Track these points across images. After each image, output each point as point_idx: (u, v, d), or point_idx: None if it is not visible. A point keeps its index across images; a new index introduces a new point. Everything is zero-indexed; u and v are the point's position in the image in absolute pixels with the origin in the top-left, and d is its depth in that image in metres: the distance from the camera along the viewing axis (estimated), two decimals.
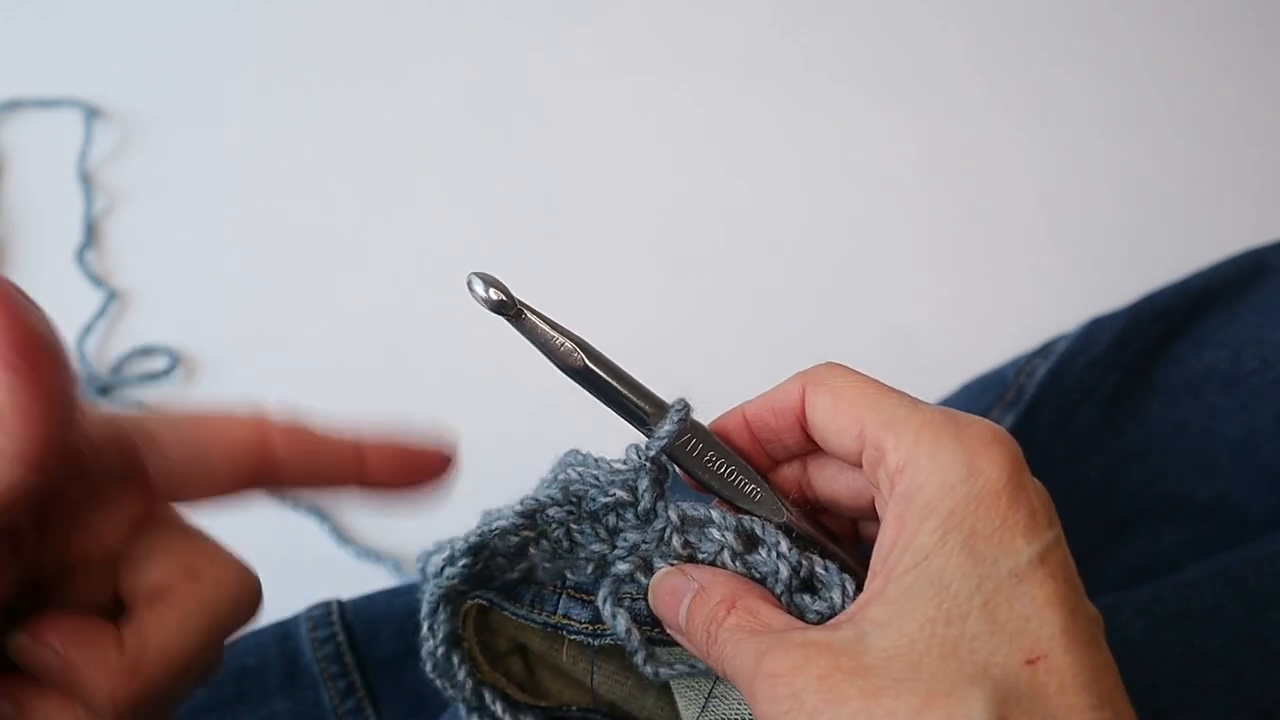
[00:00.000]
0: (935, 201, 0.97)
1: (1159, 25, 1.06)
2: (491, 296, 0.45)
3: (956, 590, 0.36)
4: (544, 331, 0.46)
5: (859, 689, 0.35)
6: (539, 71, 1.04)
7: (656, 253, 0.94)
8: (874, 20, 1.06)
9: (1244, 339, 0.76)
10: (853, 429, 0.42)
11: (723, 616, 0.42)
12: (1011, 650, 0.35)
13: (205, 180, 0.97)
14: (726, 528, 0.45)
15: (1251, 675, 0.58)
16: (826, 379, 0.43)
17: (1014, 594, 0.36)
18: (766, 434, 0.47)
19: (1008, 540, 0.37)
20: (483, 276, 0.45)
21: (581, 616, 0.48)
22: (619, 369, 0.47)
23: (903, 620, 0.36)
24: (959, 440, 0.38)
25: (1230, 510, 0.74)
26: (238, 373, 0.87)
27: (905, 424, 0.40)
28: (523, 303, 0.46)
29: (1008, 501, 0.37)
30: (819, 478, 0.47)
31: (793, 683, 0.36)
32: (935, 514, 0.37)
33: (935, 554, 0.37)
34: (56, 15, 1.04)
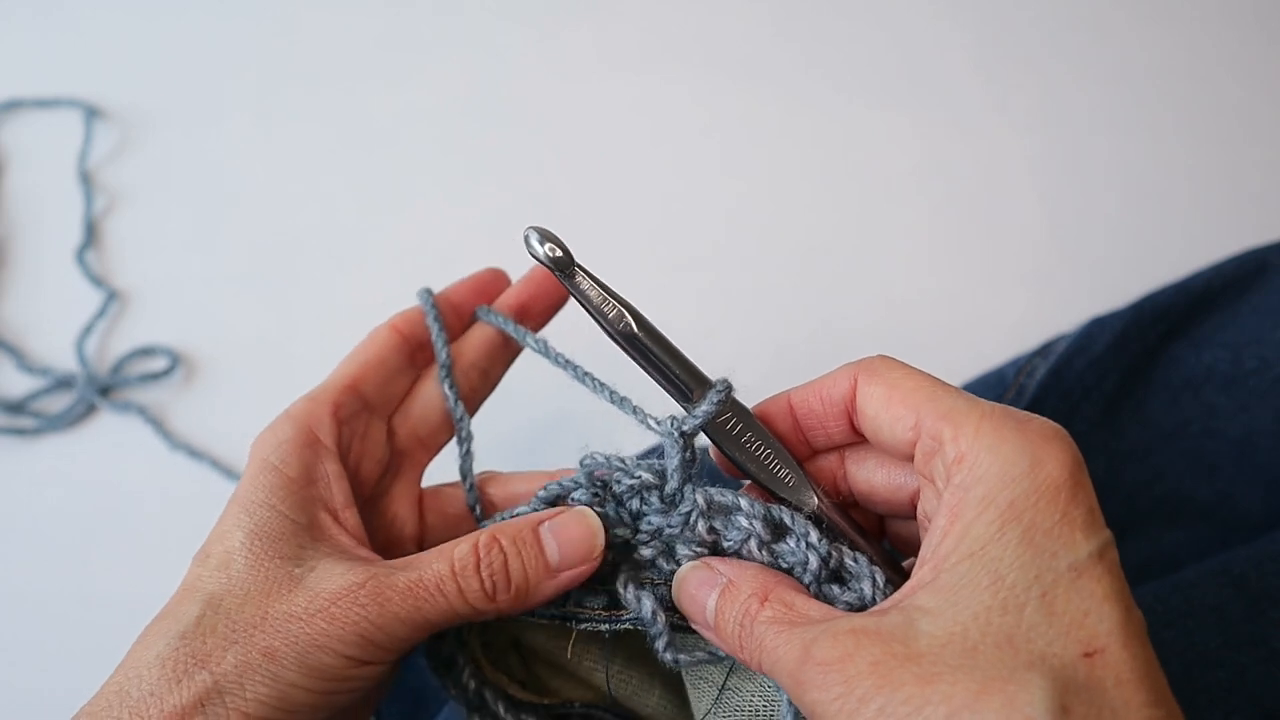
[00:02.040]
0: (935, 201, 0.97)
1: (1159, 25, 1.06)
2: (549, 252, 0.45)
3: (1014, 581, 0.36)
4: (596, 294, 0.46)
5: (913, 675, 0.35)
6: (538, 71, 1.04)
7: (656, 252, 0.94)
8: (874, 20, 1.06)
9: (1244, 339, 0.76)
10: (908, 419, 0.42)
11: (756, 610, 0.42)
12: (1069, 642, 0.35)
13: (205, 180, 0.97)
14: (755, 515, 0.45)
15: (1252, 674, 0.58)
16: (881, 370, 0.44)
17: (1073, 587, 0.36)
18: (811, 421, 0.47)
19: (1067, 535, 0.37)
20: (540, 231, 0.45)
21: (595, 603, 0.48)
22: (666, 339, 0.47)
23: (956, 608, 0.36)
24: (1021, 434, 0.39)
25: (1230, 510, 0.74)
26: (238, 373, 0.87)
27: (965, 416, 0.40)
28: (579, 263, 0.46)
29: (1068, 497, 0.38)
30: (857, 471, 0.47)
31: (845, 670, 0.36)
32: (994, 505, 0.37)
33: (992, 544, 0.37)
34: (56, 15, 1.04)
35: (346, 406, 0.52)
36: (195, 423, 0.84)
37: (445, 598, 0.44)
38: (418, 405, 0.56)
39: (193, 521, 0.79)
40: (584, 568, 0.46)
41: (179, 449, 0.82)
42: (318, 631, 0.43)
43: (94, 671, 0.71)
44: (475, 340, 0.57)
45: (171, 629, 0.43)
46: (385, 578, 0.44)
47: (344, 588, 0.44)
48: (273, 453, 0.48)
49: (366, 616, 0.43)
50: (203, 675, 0.42)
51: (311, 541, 0.46)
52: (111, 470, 0.82)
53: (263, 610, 0.43)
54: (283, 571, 0.45)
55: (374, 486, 0.54)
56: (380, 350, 0.54)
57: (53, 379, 0.85)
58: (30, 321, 0.88)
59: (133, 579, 0.77)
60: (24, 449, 0.83)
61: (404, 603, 0.44)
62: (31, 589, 0.76)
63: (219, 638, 0.43)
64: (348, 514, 0.49)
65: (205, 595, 0.44)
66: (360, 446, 0.53)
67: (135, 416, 0.83)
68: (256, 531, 0.46)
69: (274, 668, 0.42)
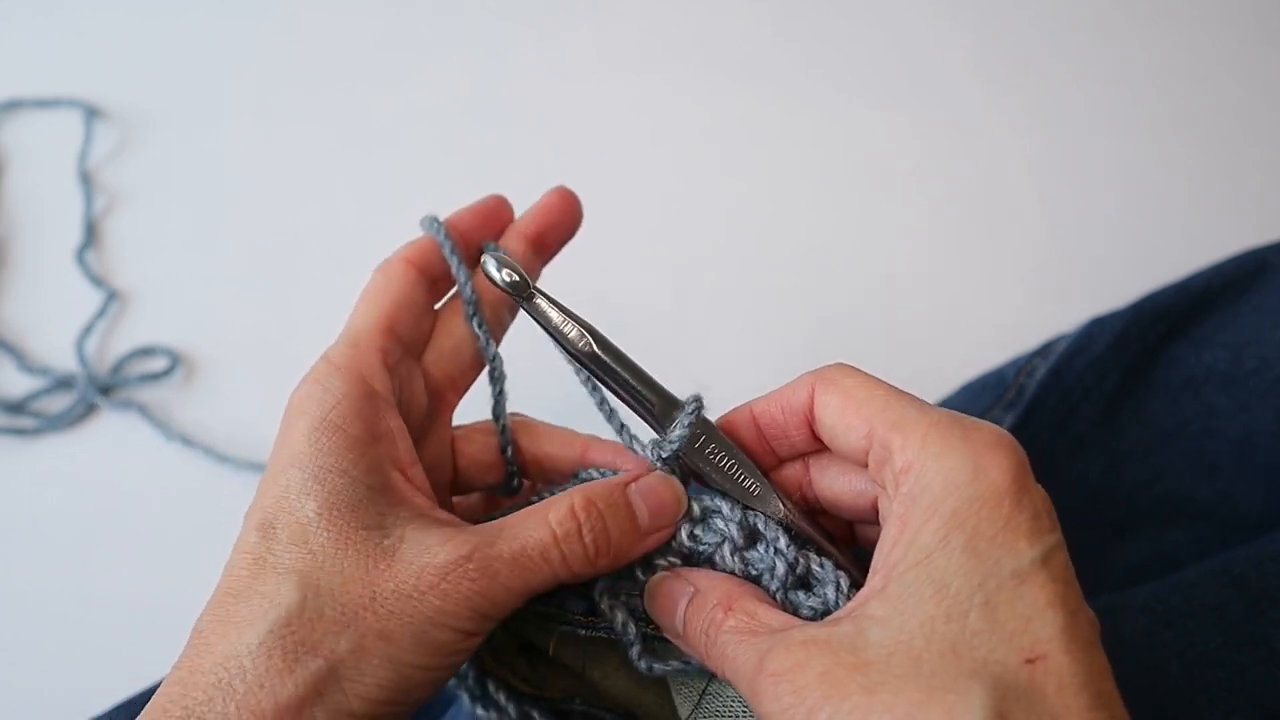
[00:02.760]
0: (935, 201, 0.97)
1: (1159, 25, 1.06)
2: (506, 278, 0.45)
3: (958, 589, 0.37)
4: (557, 315, 0.46)
5: (859, 685, 0.35)
6: (538, 71, 1.04)
7: (656, 252, 0.94)
8: (874, 20, 1.06)
9: (1244, 339, 0.76)
10: (861, 428, 0.42)
11: (721, 619, 0.42)
12: (1011, 649, 0.36)
13: (205, 180, 0.97)
14: (732, 519, 0.46)
15: (1253, 674, 0.58)
16: (837, 379, 0.44)
17: (1015, 594, 0.36)
18: (774, 431, 0.47)
19: (1010, 542, 0.37)
20: (497, 257, 0.45)
21: (577, 608, 0.48)
22: (628, 359, 0.48)
23: (903, 617, 0.37)
24: (966, 443, 0.39)
25: (1230, 510, 0.74)
26: (238, 373, 0.86)
27: (913, 426, 0.40)
28: (536, 286, 0.46)
29: (1011, 504, 0.38)
30: (821, 479, 0.48)
31: (794, 680, 0.37)
32: (939, 514, 0.38)
33: (937, 553, 0.37)
34: (56, 15, 1.04)
35: (392, 352, 0.49)
36: (195, 423, 0.84)
37: (549, 565, 0.43)
38: (447, 343, 0.52)
39: (193, 521, 0.80)
40: (668, 530, 0.46)
41: (179, 447, 0.82)
42: (432, 609, 0.41)
43: (94, 671, 0.71)
44: (482, 278, 0.53)
45: (270, 612, 0.41)
46: (489, 549, 0.43)
47: (451, 561, 0.42)
48: (331, 410, 0.45)
49: (478, 590, 0.42)
50: (317, 663, 0.40)
51: (390, 507, 0.44)
52: (112, 470, 0.82)
53: (369, 590, 0.41)
54: (372, 544, 0.42)
55: (419, 435, 0.51)
56: (405, 287, 0.51)
57: (53, 379, 0.85)
58: (30, 321, 0.88)
59: (133, 579, 0.77)
60: (24, 449, 0.83)
61: (511, 573, 0.43)
62: (31, 589, 0.76)
63: (328, 622, 0.40)
64: (415, 471, 0.47)
65: (295, 574, 0.41)
66: (408, 394, 0.50)
67: (135, 416, 0.83)
68: (331, 501, 0.43)
69: (390, 649, 0.41)
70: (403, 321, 0.50)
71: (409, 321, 0.51)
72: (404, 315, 0.50)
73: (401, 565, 0.42)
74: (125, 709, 0.61)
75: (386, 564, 0.42)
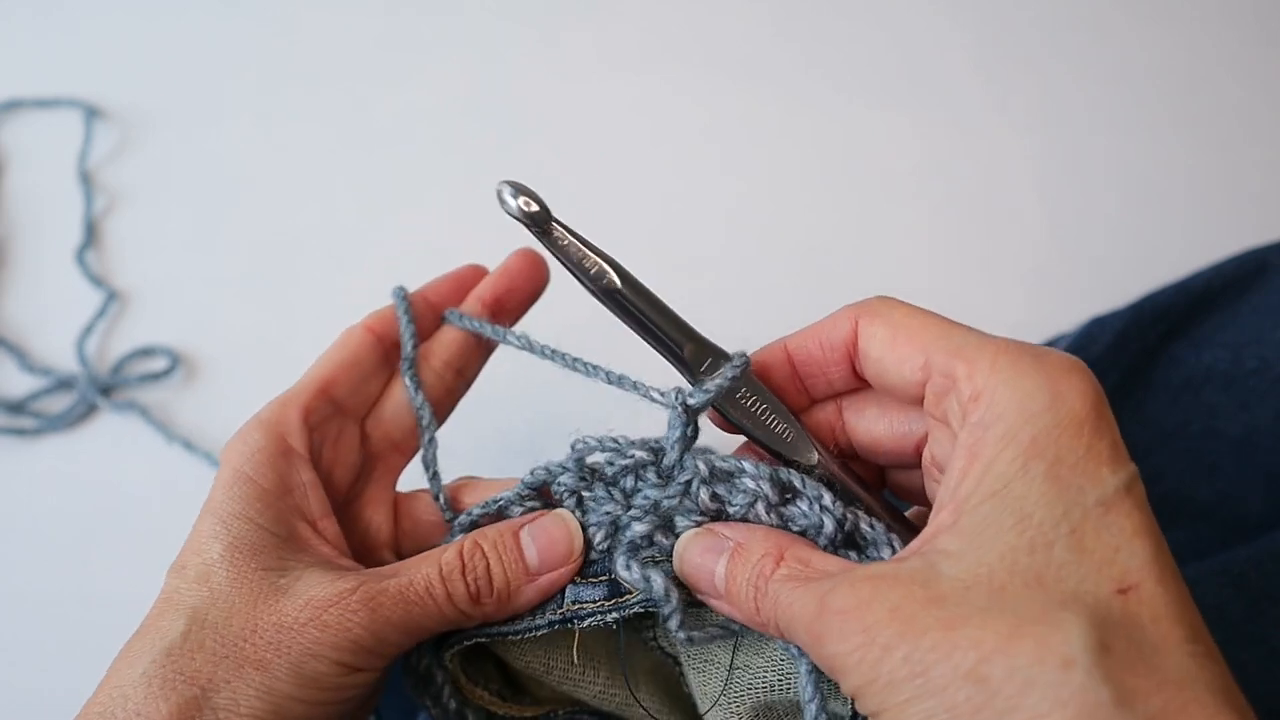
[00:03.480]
0: (935, 201, 0.97)
1: (1159, 25, 1.06)
2: (523, 206, 0.42)
3: (1041, 519, 0.35)
4: (576, 250, 0.44)
5: (937, 619, 0.33)
6: (539, 71, 1.04)
7: (656, 252, 0.93)
8: (874, 20, 1.07)
9: (1244, 339, 0.76)
10: (916, 359, 0.40)
11: (771, 569, 0.40)
12: (1102, 579, 0.34)
13: (205, 180, 0.97)
14: (761, 476, 0.43)
15: (1253, 673, 0.58)
16: (883, 311, 0.42)
17: (1102, 523, 0.35)
18: (810, 368, 0.45)
19: (1093, 469, 0.36)
20: (514, 185, 0.43)
21: (594, 596, 0.45)
22: (654, 295, 0.45)
23: (979, 550, 0.35)
24: (1040, 368, 0.37)
25: (1230, 510, 0.74)
26: (238, 373, 0.86)
27: (979, 352, 0.38)
28: (556, 217, 0.43)
29: (1091, 430, 0.36)
30: (857, 422, 0.46)
31: (863, 617, 0.35)
32: (1016, 442, 0.36)
33: (1016, 482, 0.35)
34: (56, 15, 1.04)
35: (318, 411, 0.51)
36: (195, 423, 0.84)
37: (434, 601, 0.44)
38: (390, 406, 0.54)
39: (193, 522, 0.79)
40: (563, 570, 0.46)
41: (179, 447, 0.82)
42: (310, 640, 0.42)
43: (94, 672, 0.71)
44: (448, 339, 0.56)
45: (156, 645, 0.42)
46: (375, 584, 0.44)
47: (335, 594, 0.43)
48: (246, 462, 0.47)
49: (359, 623, 0.43)
50: (192, 692, 0.41)
51: (293, 553, 0.46)
52: (112, 470, 0.82)
53: (252, 622, 0.42)
54: (267, 582, 0.44)
55: (347, 492, 0.53)
56: (353, 351, 0.53)
57: (54, 379, 0.85)
58: (30, 321, 0.88)
59: (133, 579, 0.76)
60: (24, 449, 0.83)
61: (395, 608, 0.43)
62: (31, 589, 0.76)
63: (207, 653, 0.42)
64: (326, 523, 0.49)
65: (188, 609, 0.43)
66: (333, 452, 0.52)
67: (136, 416, 0.83)
68: (235, 544, 0.45)
69: (267, 680, 0.41)
70: (342, 383, 0.52)
71: (350, 384, 0.52)
72: (345, 376, 0.52)
73: (287, 600, 0.43)
74: None
75: (275, 599, 0.43)
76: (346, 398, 0.52)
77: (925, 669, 0.33)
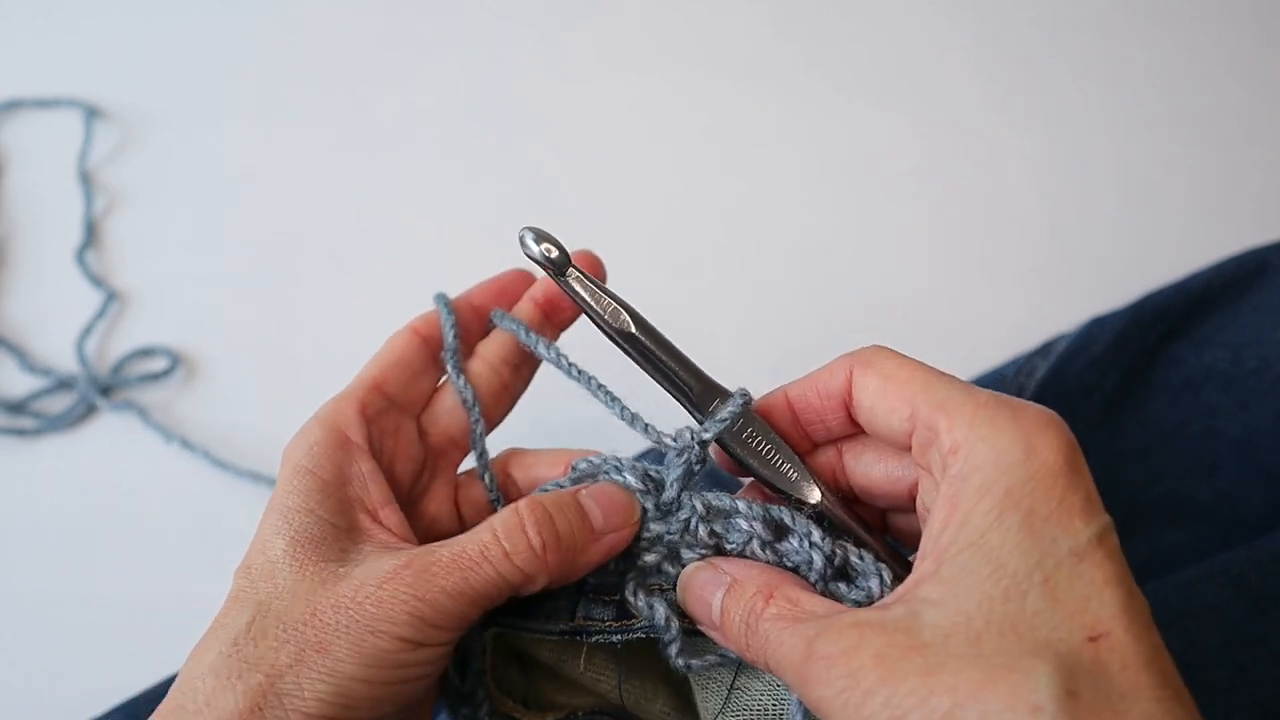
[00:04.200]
0: (935, 201, 0.97)
1: (1159, 25, 1.06)
2: (545, 252, 0.45)
3: (1015, 568, 0.36)
4: (593, 294, 0.46)
5: (916, 666, 0.35)
6: (538, 72, 1.04)
7: (656, 252, 0.94)
8: (874, 20, 1.07)
9: (1244, 339, 0.76)
10: (903, 410, 0.42)
11: (761, 607, 0.41)
12: (1073, 627, 0.35)
13: (205, 180, 0.97)
14: (754, 517, 0.45)
15: (1253, 674, 0.58)
16: (875, 361, 0.44)
17: (1074, 572, 0.36)
18: (809, 415, 0.47)
19: (1066, 520, 0.37)
20: (535, 231, 0.45)
21: (604, 615, 0.47)
22: (667, 340, 0.47)
23: (958, 598, 0.36)
24: (1015, 423, 0.38)
25: (1230, 510, 0.74)
26: (238, 373, 0.86)
27: (960, 406, 0.40)
28: (575, 264, 0.46)
29: (1065, 483, 0.37)
30: (855, 465, 0.47)
31: (848, 663, 0.36)
32: (991, 493, 0.37)
33: (992, 532, 0.37)
34: (56, 15, 1.04)
35: (373, 404, 0.51)
36: (196, 423, 0.84)
37: (491, 564, 0.44)
38: (445, 404, 0.55)
39: (193, 522, 0.80)
40: (626, 531, 0.46)
41: (177, 445, 0.82)
42: (368, 616, 0.42)
43: (94, 672, 0.71)
44: (501, 336, 0.57)
45: (223, 638, 0.43)
46: (428, 555, 0.44)
47: (388, 570, 0.43)
48: (305, 456, 0.48)
49: (414, 594, 0.42)
50: (257, 678, 0.41)
51: (354, 544, 0.46)
52: (112, 470, 0.82)
53: (311, 607, 0.43)
54: (328, 571, 0.44)
55: (412, 487, 0.53)
56: (401, 351, 0.54)
57: (54, 379, 0.85)
58: (30, 322, 0.88)
59: (133, 579, 0.77)
60: (24, 449, 0.83)
61: (449, 575, 0.43)
62: (31, 589, 0.76)
63: (271, 639, 0.42)
64: (387, 512, 0.49)
65: (254, 604, 0.44)
66: (393, 444, 0.52)
67: (136, 417, 0.83)
68: (297, 538, 0.45)
69: (329, 662, 0.42)
70: (393, 380, 0.53)
71: (401, 380, 0.53)
72: (396, 374, 0.53)
73: (344, 583, 0.44)
74: (124, 709, 0.61)
75: (334, 584, 0.44)
76: (399, 394, 0.53)
77: (904, 713, 0.34)
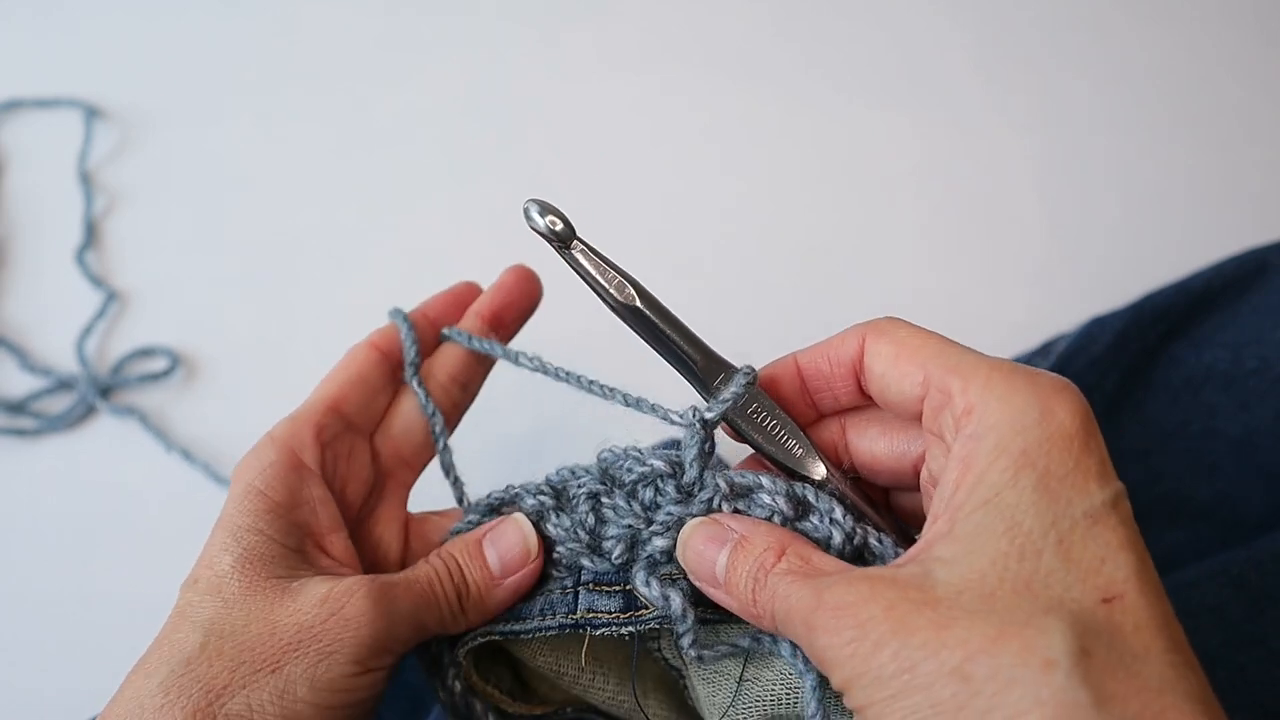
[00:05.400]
0: (935, 201, 0.97)
1: (1159, 25, 1.06)
2: (550, 224, 0.44)
3: (1030, 527, 0.36)
4: (598, 267, 0.46)
5: (929, 620, 0.35)
6: (539, 72, 1.04)
7: (656, 252, 0.93)
8: (874, 20, 1.07)
9: (1244, 339, 0.76)
10: (916, 375, 0.42)
11: (772, 563, 0.41)
12: (1087, 587, 0.35)
13: (205, 180, 0.97)
14: (778, 492, 0.44)
15: (1253, 674, 0.58)
16: (888, 329, 0.44)
17: (1089, 534, 0.36)
18: (818, 383, 0.47)
19: (1081, 483, 0.37)
20: (540, 203, 0.45)
21: (610, 606, 0.46)
22: (671, 314, 0.47)
23: (972, 556, 0.36)
24: (1031, 385, 0.39)
25: (1230, 510, 0.74)
26: (238, 373, 0.87)
27: (974, 369, 0.40)
28: (579, 236, 0.45)
29: (1080, 446, 0.37)
30: (859, 441, 0.47)
31: (859, 613, 0.36)
32: (1007, 453, 0.37)
33: (1007, 491, 0.37)
34: (56, 15, 1.04)
35: (329, 428, 0.52)
36: (195, 423, 0.84)
37: (435, 597, 0.46)
38: (398, 422, 0.56)
39: (192, 522, 0.79)
40: (525, 572, 0.48)
41: (177, 450, 0.82)
42: (329, 639, 0.43)
43: (94, 671, 0.71)
44: (450, 354, 0.57)
45: (173, 656, 0.43)
46: (384, 578, 0.46)
47: (347, 588, 0.44)
48: (257, 477, 0.48)
49: (374, 615, 0.44)
50: (207, 699, 0.41)
51: (302, 564, 0.47)
52: (112, 471, 0.82)
53: (270, 625, 0.43)
54: (279, 588, 0.45)
55: (360, 508, 0.54)
56: (360, 368, 0.54)
57: (54, 379, 0.85)
58: (30, 321, 0.88)
59: (133, 579, 0.77)
60: (24, 449, 0.83)
61: (405, 600, 0.45)
62: (31, 589, 0.76)
63: (226, 659, 0.43)
64: (335, 538, 0.50)
65: (204, 622, 0.44)
66: (345, 468, 0.53)
67: (136, 422, 0.83)
68: (245, 555, 0.46)
69: (280, 683, 0.42)
70: (350, 399, 0.53)
71: (359, 400, 0.54)
72: (353, 393, 0.54)
73: (302, 598, 0.44)
74: None
75: (290, 600, 0.44)
76: (356, 414, 0.54)
77: (913, 665, 0.34)
